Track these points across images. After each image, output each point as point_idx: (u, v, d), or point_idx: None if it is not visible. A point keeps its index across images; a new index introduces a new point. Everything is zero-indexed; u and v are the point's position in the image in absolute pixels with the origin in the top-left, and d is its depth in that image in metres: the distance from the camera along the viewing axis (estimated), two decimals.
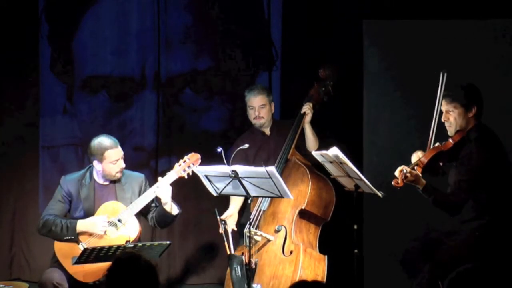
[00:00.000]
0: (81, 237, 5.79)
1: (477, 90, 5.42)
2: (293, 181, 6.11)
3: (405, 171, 5.23)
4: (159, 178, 5.92)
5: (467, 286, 5.36)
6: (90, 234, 5.78)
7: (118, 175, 5.92)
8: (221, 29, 7.37)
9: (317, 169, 6.16)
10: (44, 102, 7.44)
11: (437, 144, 5.37)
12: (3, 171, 7.44)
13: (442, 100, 5.42)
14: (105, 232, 5.75)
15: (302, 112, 6.33)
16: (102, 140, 5.89)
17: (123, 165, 5.93)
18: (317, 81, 6.43)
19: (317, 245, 6.10)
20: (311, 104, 6.33)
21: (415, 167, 5.30)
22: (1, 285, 6.17)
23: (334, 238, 6.32)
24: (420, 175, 5.29)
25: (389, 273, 6.68)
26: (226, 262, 6.19)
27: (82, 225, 5.79)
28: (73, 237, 5.78)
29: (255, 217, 6.08)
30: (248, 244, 5.62)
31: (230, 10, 7.35)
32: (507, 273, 5.38)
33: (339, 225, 6.18)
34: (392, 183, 5.29)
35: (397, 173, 5.28)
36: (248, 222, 5.81)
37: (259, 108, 6.46)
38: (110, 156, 5.86)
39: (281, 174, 6.02)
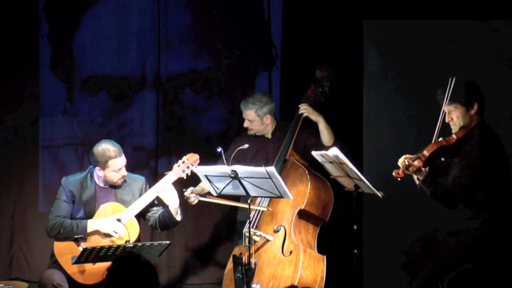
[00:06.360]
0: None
1: (477, 87, 5.41)
2: (291, 181, 6.10)
3: (407, 162, 5.24)
4: (160, 181, 5.91)
5: (467, 286, 5.37)
6: (99, 234, 5.78)
7: (120, 182, 5.90)
8: (221, 29, 7.37)
9: (315, 170, 6.15)
10: (44, 102, 7.44)
11: (440, 138, 5.37)
12: (3, 171, 7.43)
13: (442, 101, 5.41)
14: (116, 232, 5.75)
15: (299, 113, 6.33)
16: (107, 148, 5.84)
17: (125, 173, 5.90)
18: (314, 81, 6.42)
19: (316, 245, 6.10)
20: (307, 105, 6.33)
21: (417, 160, 5.30)
22: (1, 285, 6.16)
23: (334, 238, 6.31)
24: (422, 168, 5.29)
25: (388, 273, 6.68)
26: (225, 262, 6.20)
27: (93, 225, 5.79)
28: (83, 236, 5.78)
29: (254, 217, 6.08)
30: (247, 244, 5.62)
31: (230, 10, 7.35)
32: (507, 273, 5.38)
33: (338, 225, 6.17)
34: (393, 173, 5.28)
35: (400, 162, 5.27)
36: (247, 222, 5.81)
37: (247, 121, 6.42)
38: (113, 165, 5.83)
39: (279, 174, 6.03)
